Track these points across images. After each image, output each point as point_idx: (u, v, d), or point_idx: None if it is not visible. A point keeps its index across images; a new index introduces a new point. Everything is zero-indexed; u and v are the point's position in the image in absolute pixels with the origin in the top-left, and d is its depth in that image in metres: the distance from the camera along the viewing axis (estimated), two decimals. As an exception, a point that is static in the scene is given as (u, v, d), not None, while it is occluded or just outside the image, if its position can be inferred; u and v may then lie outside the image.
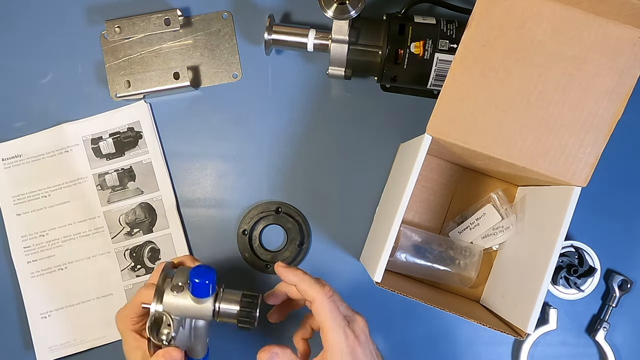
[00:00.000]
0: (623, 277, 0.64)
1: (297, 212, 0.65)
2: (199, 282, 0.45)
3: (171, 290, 0.46)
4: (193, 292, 0.46)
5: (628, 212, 0.66)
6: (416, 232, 0.62)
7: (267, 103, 0.66)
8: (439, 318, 0.65)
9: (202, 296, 0.46)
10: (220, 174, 0.66)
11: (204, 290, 0.46)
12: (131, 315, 0.50)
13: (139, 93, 0.64)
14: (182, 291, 0.46)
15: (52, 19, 0.67)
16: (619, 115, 0.48)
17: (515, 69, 0.48)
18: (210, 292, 0.46)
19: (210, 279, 0.45)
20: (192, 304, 0.46)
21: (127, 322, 0.50)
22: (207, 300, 0.47)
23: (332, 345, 0.45)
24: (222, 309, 0.47)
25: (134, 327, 0.50)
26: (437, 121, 0.49)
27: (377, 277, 0.50)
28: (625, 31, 0.47)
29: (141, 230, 0.65)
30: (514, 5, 0.48)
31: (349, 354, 0.45)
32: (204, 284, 0.45)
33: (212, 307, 0.47)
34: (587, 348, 0.65)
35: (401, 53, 0.58)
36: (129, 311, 0.50)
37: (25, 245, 0.64)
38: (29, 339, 0.63)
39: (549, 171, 0.49)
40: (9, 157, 0.65)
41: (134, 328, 0.50)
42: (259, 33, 0.66)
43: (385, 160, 0.66)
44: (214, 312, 0.47)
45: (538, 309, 0.49)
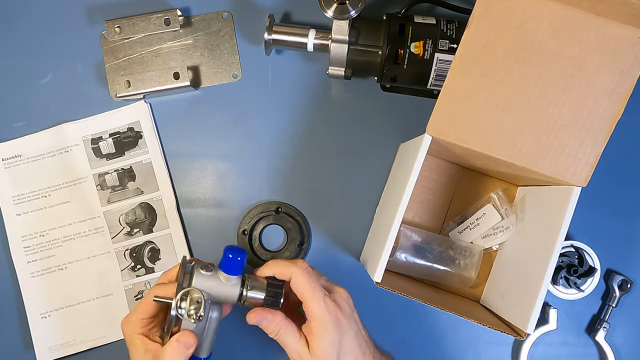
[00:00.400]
0: (623, 277, 0.64)
1: (297, 212, 0.66)
2: (233, 257, 0.47)
3: (201, 269, 0.47)
4: (225, 268, 0.47)
5: (628, 212, 0.66)
6: (416, 232, 0.62)
7: (267, 103, 0.66)
8: (439, 318, 0.65)
9: (232, 273, 0.47)
10: (220, 174, 0.66)
11: (236, 265, 0.47)
12: (141, 317, 0.49)
13: (139, 93, 0.64)
14: (211, 270, 0.48)
15: (52, 19, 0.67)
16: (619, 115, 0.48)
17: (515, 69, 0.48)
18: (239, 269, 0.48)
19: (243, 256, 0.47)
20: (221, 283, 0.48)
21: (135, 326, 0.49)
22: (236, 283, 0.48)
23: (314, 314, 0.46)
24: (250, 293, 0.48)
25: (143, 330, 0.49)
26: (437, 121, 0.49)
27: (377, 277, 0.50)
28: (625, 31, 0.47)
29: (141, 230, 0.65)
30: (514, 5, 0.48)
31: (332, 321, 0.46)
32: (237, 259, 0.47)
33: (240, 290, 0.48)
34: (587, 348, 0.65)
35: (401, 53, 0.58)
36: (137, 314, 0.49)
37: (25, 245, 0.64)
38: (29, 339, 0.63)
39: (549, 171, 0.49)
40: (9, 157, 0.65)
41: (142, 331, 0.49)
42: (259, 33, 0.66)
43: (385, 160, 0.66)
44: (240, 295, 0.48)
45: (538, 309, 0.49)
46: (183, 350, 0.45)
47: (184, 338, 0.46)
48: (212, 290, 0.47)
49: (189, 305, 0.46)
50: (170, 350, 0.45)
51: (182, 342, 0.45)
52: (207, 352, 0.50)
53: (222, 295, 0.48)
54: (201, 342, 0.49)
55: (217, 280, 0.48)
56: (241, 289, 0.48)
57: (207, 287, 0.47)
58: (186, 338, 0.46)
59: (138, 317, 0.49)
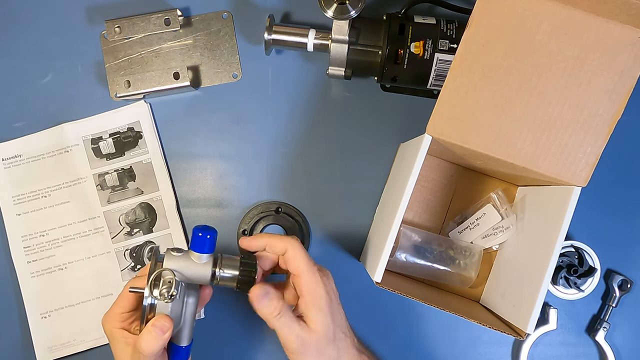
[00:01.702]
0: (623, 277, 0.64)
1: (297, 212, 0.65)
2: (201, 235, 0.47)
3: (172, 251, 0.47)
4: (193, 247, 0.47)
5: (628, 212, 0.66)
6: (416, 232, 0.62)
7: (267, 103, 0.66)
8: (439, 318, 0.65)
9: (203, 251, 0.47)
10: (220, 174, 0.66)
11: (205, 244, 0.47)
12: (119, 311, 0.49)
13: (139, 93, 0.64)
14: (182, 252, 0.48)
15: (52, 19, 0.67)
16: (619, 115, 0.48)
17: (515, 69, 0.48)
18: (210, 248, 0.47)
19: (212, 234, 0.47)
20: (193, 263, 0.47)
21: (114, 320, 0.49)
22: (208, 262, 0.48)
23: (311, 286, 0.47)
24: (223, 273, 0.48)
25: (123, 324, 0.49)
26: (437, 121, 0.49)
27: (377, 277, 0.50)
28: (625, 31, 0.47)
29: (141, 230, 0.65)
30: (514, 5, 0.48)
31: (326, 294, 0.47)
32: (206, 237, 0.47)
33: (212, 270, 0.48)
34: (587, 348, 0.65)
35: (401, 53, 0.58)
36: (115, 309, 0.49)
37: (25, 245, 0.64)
38: (29, 339, 0.63)
39: (549, 171, 0.49)
40: (9, 157, 0.65)
41: (122, 326, 0.49)
42: (259, 33, 0.66)
43: (385, 160, 0.66)
44: (213, 275, 0.48)
45: (538, 309, 0.49)
46: (159, 335, 0.44)
47: (159, 322, 0.45)
48: (184, 270, 0.47)
49: (161, 287, 0.45)
50: (146, 335, 0.44)
51: (157, 326, 0.44)
52: (188, 340, 0.50)
53: (195, 274, 0.47)
54: (180, 329, 0.49)
55: (189, 260, 0.47)
56: (213, 268, 0.48)
57: (179, 267, 0.47)
58: (161, 322, 0.45)
59: (117, 312, 0.49)
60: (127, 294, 0.49)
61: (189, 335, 0.50)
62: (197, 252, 0.47)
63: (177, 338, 0.49)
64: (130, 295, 0.49)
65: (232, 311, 0.65)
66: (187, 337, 0.50)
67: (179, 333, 0.49)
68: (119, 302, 0.49)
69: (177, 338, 0.49)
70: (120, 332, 0.48)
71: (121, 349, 0.48)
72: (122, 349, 0.47)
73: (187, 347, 0.50)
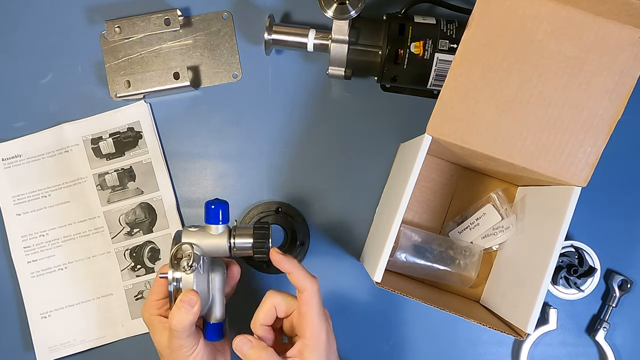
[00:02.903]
0: (623, 277, 0.64)
1: (297, 212, 0.65)
2: (214, 207, 0.49)
3: (188, 228, 0.50)
4: (207, 220, 0.50)
5: (628, 212, 0.66)
6: (416, 232, 0.62)
7: (267, 103, 0.66)
8: (439, 318, 0.65)
9: (216, 222, 0.50)
10: (220, 174, 0.66)
11: (217, 214, 0.49)
12: (155, 298, 0.51)
13: (139, 93, 0.64)
14: (198, 227, 0.50)
15: (52, 19, 0.67)
16: (619, 115, 0.48)
17: (515, 69, 0.48)
18: (223, 219, 0.50)
19: (222, 206, 0.50)
20: (208, 235, 0.50)
21: (151, 308, 0.51)
22: (223, 233, 0.50)
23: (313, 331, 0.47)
24: (237, 242, 0.50)
25: (159, 311, 0.51)
26: (437, 121, 0.49)
27: (377, 277, 0.50)
28: (625, 31, 0.47)
29: (141, 230, 0.65)
30: (514, 5, 0.48)
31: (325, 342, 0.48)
32: (218, 209, 0.49)
33: (227, 242, 0.50)
34: (587, 348, 0.65)
35: (401, 53, 0.58)
36: (150, 297, 0.52)
37: (25, 245, 0.64)
38: (29, 339, 0.63)
39: (549, 171, 0.49)
40: (9, 157, 0.65)
41: (158, 312, 0.51)
42: (259, 33, 0.66)
43: (385, 160, 0.66)
44: (229, 247, 0.50)
45: (538, 309, 0.49)
46: (188, 309, 0.46)
47: (186, 296, 0.47)
48: (201, 243, 0.49)
49: (181, 261, 0.47)
50: (175, 312, 0.46)
51: (185, 300, 0.46)
52: (221, 316, 0.51)
53: (212, 246, 0.50)
54: (211, 305, 0.51)
55: (205, 233, 0.50)
56: (228, 238, 0.50)
57: (196, 240, 0.49)
58: (188, 296, 0.47)
59: (152, 300, 0.51)
60: (159, 281, 0.51)
61: (221, 311, 0.52)
62: (212, 224, 0.50)
63: (209, 315, 0.51)
64: (162, 282, 0.51)
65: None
66: (220, 313, 0.51)
67: (210, 310, 0.51)
68: (153, 290, 0.52)
69: (209, 315, 0.51)
70: (157, 319, 0.50)
71: (159, 334, 0.50)
72: (160, 333, 0.50)
73: (220, 323, 0.52)
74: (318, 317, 0.47)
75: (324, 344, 0.47)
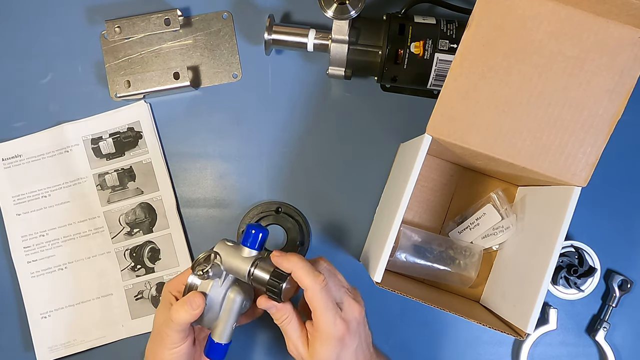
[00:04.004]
0: (623, 277, 0.64)
1: (297, 212, 0.65)
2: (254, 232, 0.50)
3: (227, 240, 0.51)
4: (243, 240, 0.50)
5: (628, 212, 0.66)
6: (416, 232, 0.62)
7: (267, 103, 0.66)
8: (439, 318, 0.65)
9: (249, 246, 0.50)
10: (220, 174, 0.66)
11: (252, 239, 0.50)
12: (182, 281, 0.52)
13: (139, 93, 0.64)
14: (234, 243, 0.51)
15: (52, 19, 0.67)
16: (619, 115, 0.48)
17: (515, 69, 0.48)
18: (256, 245, 0.50)
19: (262, 232, 0.50)
20: (237, 254, 0.50)
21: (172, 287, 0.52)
22: (249, 258, 0.50)
23: (321, 330, 0.47)
24: (256, 273, 0.50)
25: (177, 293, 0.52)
26: (437, 121, 0.49)
27: (377, 277, 0.50)
28: (625, 31, 0.47)
29: (141, 230, 0.65)
30: (514, 5, 0.48)
31: (336, 338, 0.47)
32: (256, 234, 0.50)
33: (249, 268, 0.50)
34: (587, 348, 0.65)
35: (401, 53, 0.58)
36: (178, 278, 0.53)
37: (25, 245, 0.64)
38: (29, 339, 0.63)
39: (549, 171, 0.49)
40: (9, 157, 0.65)
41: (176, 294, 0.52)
42: (259, 33, 0.66)
43: (385, 160, 0.66)
44: (249, 272, 0.50)
45: (538, 309, 0.49)
46: (189, 308, 0.47)
47: (192, 297, 0.48)
48: (227, 257, 0.50)
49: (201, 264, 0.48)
50: (178, 306, 0.48)
51: (189, 299, 0.48)
52: (226, 338, 0.51)
53: (235, 265, 0.50)
54: (218, 323, 0.51)
55: (235, 251, 0.50)
56: (251, 265, 0.50)
57: (224, 253, 0.50)
58: (194, 297, 0.48)
59: (179, 281, 0.52)
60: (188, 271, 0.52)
61: (227, 334, 0.51)
62: (245, 246, 0.50)
63: (214, 332, 0.51)
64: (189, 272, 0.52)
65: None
66: (226, 334, 0.51)
67: (217, 328, 0.51)
68: (185, 273, 0.52)
69: (214, 332, 0.51)
70: (172, 298, 0.51)
71: (163, 311, 0.51)
72: (164, 311, 0.50)
73: (224, 345, 0.52)
74: (325, 313, 0.47)
75: (334, 343, 0.47)
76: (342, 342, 0.47)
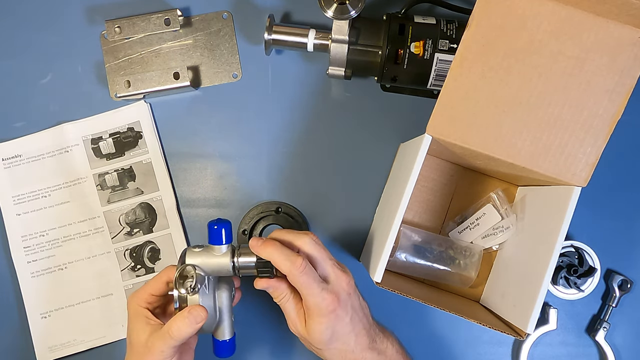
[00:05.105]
0: (623, 277, 0.64)
1: (297, 212, 0.65)
2: (216, 227, 0.49)
3: (192, 248, 0.50)
4: (210, 240, 0.49)
5: (628, 212, 0.66)
6: (416, 232, 0.62)
7: (267, 103, 0.66)
8: (439, 318, 0.65)
9: (219, 242, 0.49)
10: (220, 174, 0.66)
11: (219, 235, 0.49)
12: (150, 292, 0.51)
13: (139, 93, 0.64)
14: (202, 247, 0.50)
15: (52, 19, 0.67)
16: (619, 115, 0.48)
17: (515, 69, 0.48)
18: (225, 238, 0.50)
19: (225, 227, 0.49)
20: (212, 255, 0.50)
21: (141, 300, 0.51)
22: (226, 253, 0.50)
23: (311, 308, 0.48)
24: (240, 262, 0.50)
25: (148, 306, 0.51)
26: (437, 121, 0.49)
27: (377, 277, 0.50)
28: (625, 31, 0.47)
29: (141, 230, 0.65)
30: (514, 5, 0.48)
31: (326, 312, 0.47)
32: (220, 229, 0.49)
33: (231, 261, 0.49)
34: (587, 348, 0.65)
35: (401, 53, 0.58)
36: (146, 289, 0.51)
37: (25, 245, 0.64)
38: (29, 339, 0.63)
39: (549, 171, 0.49)
40: (9, 157, 0.65)
41: (147, 306, 0.51)
42: (259, 33, 0.66)
43: (385, 160, 0.66)
44: (233, 266, 0.50)
45: (538, 309, 0.49)
46: (192, 323, 0.47)
47: (195, 310, 0.47)
48: (205, 263, 0.49)
49: (185, 282, 0.48)
50: (179, 320, 0.47)
51: (192, 314, 0.47)
52: (229, 333, 0.52)
53: (216, 266, 0.50)
54: (219, 323, 0.51)
55: (209, 254, 0.50)
56: (232, 258, 0.50)
57: (200, 261, 0.49)
58: (197, 311, 0.47)
59: (148, 292, 0.51)
60: (160, 278, 0.51)
61: (229, 329, 0.52)
62: (215, 245, 0.50)
63: (218, 333, 0.51)
64: (162, 280, 0.51)
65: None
66: (228, 330, 0.52)
67: (219, 327, 0.51)
68: (152, 284, 0.51)
69: (218, 333, 0.51)
70: (145, 312, 0.50)
71: (141, 327, 0.49)
72: (141, 327, 0.49)
73: (230, 340, 0.52)
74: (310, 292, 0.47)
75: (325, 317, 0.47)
76: (335, 314, 0.48)
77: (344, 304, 0.48)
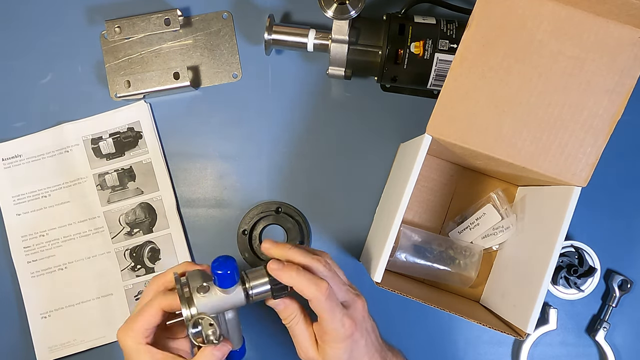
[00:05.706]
0: (623, 277, 0.64)
1: (297, 212, 0.65)
2: (223, 273, 0.44)
3: (198, 293, 0.45)
4: (220, 285, 0.45)
5: (628, 212, 0.66)
6: (416, 232, 0.62)
7: (267, 103, 0.66)
8: (439, 318, 0.65)
9: (230, 286, 0.45)
10: (220, 174, 0.66)
11: (230, 279, 0.45)
12: (144, 327, 0.46)
13: (139, 93, 0.64)
14: (208, 290, 0.46)
15: (52, 19, 0.67)
16: (619, 115, 0.48)
17: (515, 69, 0.48)
18: (236, 279, 0.46)
19: (232, 267, 0.45)
20: (223, 297, 0.46)
21: (137, 336, 0.46)
22: (236, 288, 0.46)
23: (331, 333, 0.46)
24: (254, 290, 0.47)
25: (147, 339, 0.47)
26: (437, 121, 0.49)
27: (377, 277, 0.50)
28: (625, 31, 0.47)
29: (141, 230, 0.65)
30: (514, 5, 0.48)
31: (346, 337, 0.46)
32: (228, 274, 0.45)
33: (244, 293, 0.46)
34: (587, 348, 0.65)
35: (401, 53, 0.58)
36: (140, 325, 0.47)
37: (25, 245, 0.64)
38: (29, 339, 0.63)
39: (549, 171, 0.49)
40: (9, 157, 0.65)
41: (147, 341, 0.47)
42: (259, 33, 0.66)
43: (385, 160, 0.66)
44: (247, 297, 0.47)
45: (538, 309, 0.49)
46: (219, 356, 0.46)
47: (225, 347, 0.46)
48: (217, 307, 0.46)
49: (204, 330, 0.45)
50: None
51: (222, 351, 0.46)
52: (239, 343, 0.51)
53: (229, 305, 0.47)
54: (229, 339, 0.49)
55: (219, 296, 0.46)
56: (244, 289, 0.47)
57: (212, 306, 0.46)
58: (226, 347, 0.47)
59: (142, 327, 0.46)
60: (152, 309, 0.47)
61: (239, 339, 0.50)
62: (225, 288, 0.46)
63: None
64: (156, 312, 0.47)
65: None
66: (238, 341, 0.50)
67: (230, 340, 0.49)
68: (145, 318, 0.47)
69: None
70: (147, 348, 0.46)
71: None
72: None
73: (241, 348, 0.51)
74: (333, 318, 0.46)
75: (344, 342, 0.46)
76: (352, 340, 0.47)
77: (361, 327, 0.48)
